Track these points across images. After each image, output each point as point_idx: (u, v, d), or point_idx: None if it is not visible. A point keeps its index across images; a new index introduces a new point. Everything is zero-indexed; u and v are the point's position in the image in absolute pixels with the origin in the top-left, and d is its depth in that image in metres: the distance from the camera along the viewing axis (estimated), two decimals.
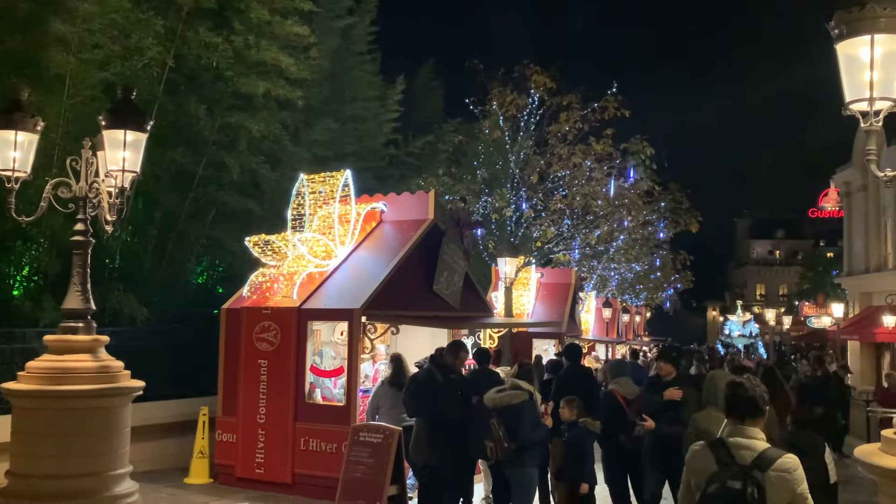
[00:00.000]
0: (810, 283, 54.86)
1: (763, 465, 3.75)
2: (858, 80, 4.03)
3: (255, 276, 10.84)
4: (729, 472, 3.77)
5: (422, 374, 8.49)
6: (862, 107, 4.05)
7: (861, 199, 29.45)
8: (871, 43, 3.95)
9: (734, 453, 3.82)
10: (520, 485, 7.34)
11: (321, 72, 17.10)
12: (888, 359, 27.33)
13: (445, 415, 7.84)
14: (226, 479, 10.44)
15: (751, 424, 3.91)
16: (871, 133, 4.09)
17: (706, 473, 3.86)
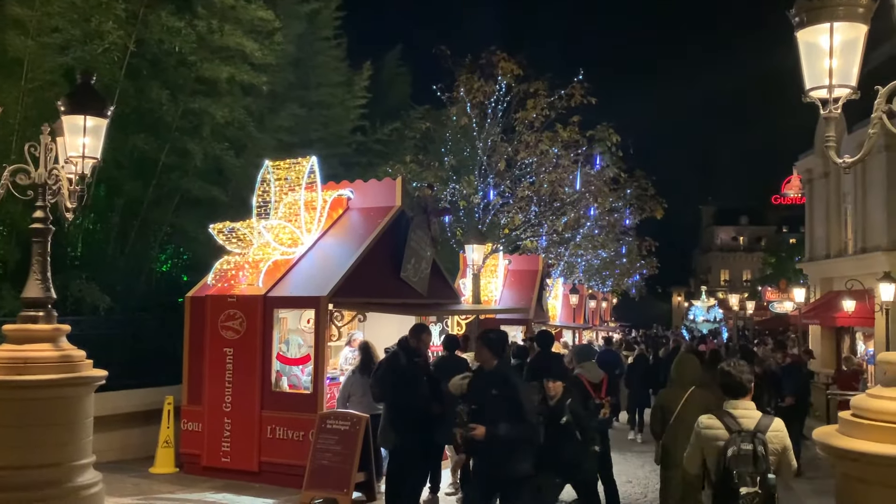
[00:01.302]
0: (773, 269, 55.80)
1: (762, 428, 4.81)
2: (818, 68, 4.08)
3: (220, 264, 10.73)
4: (739, 437, 4.74)
5: (387, 358, 8.48)
6: (821, 94, 4.10)
7: (822, 186, 29.96)
8: (830, 31, 4.00)
9: (740, 422, 4.83)
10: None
11: (286, 57, 16.90)
12: (847, 343, 27.92)
13: (408, 398, 7.82)
14: (191, 469, 10.36)
15: (744, 399, 4.98)
16: (830, 120, 4.15)
17: (718, 439, 4.84)
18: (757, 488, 4.62)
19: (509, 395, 6.45)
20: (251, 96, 15.84)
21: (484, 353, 6.77)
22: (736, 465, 4.68)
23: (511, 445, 6.43)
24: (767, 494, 4.64)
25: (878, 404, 3.81)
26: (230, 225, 10.94)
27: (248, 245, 10.76)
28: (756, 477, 4.65)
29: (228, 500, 9.09)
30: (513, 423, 6.37)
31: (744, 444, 4.71)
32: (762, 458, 4.68)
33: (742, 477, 4.65)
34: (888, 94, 4.00)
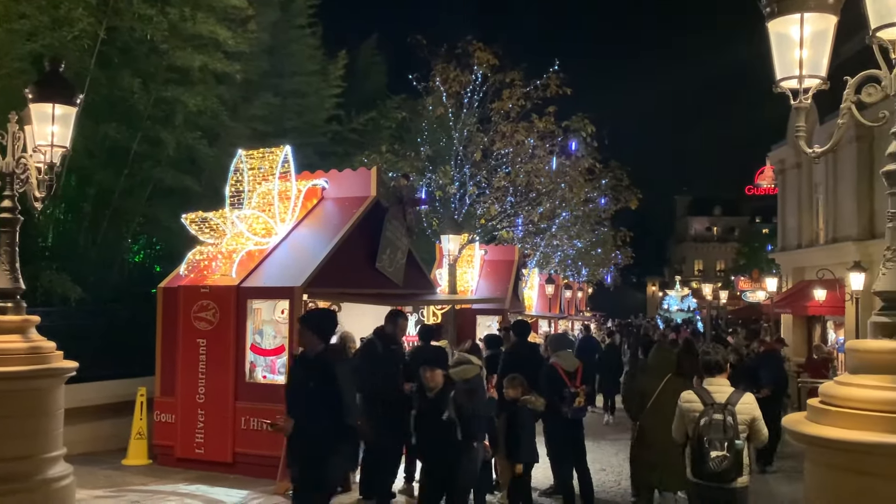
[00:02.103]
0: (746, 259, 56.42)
1: (733, 401, 5.58)
2: (789, 58, 4.10)
3: (193, 254, 10.64)
4: (712, 409, 5.55)
5: (362, 346, 8.44)
6: (792, 84, 4.13)
7: (794, 177, 30.28)
8: (800, 22, 4.02)
9: (713, 396, 5.62)
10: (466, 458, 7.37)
11: (260, 45, 16.74)
12: (818, 331, 28.30)
13: (385, 386, 7.79)
14: (165, 460, 10.29)
15: (719, 377, 5.81)
16: (800, 110, 4.17)
17: (694, 410, 5.66)
18: (725, 452, 5.41)
19: (328, 387, 5.70)
20: (224, 85, 15.67)
21: (306, 336, 5.98)
22: (707, 432, 5.48)
23: (321, 448, 5.64)
24: (735, 457, 5.41)
25: (845, 391, 3.85)
26: (203, 215, 10.84)
27: (222, 235, 10.67)
28: (724, 442, 5.44)
29: (202, 491, 9.04)
30: (328, 419, 5.58)
31: (715, 414, 5.49)
32: (731, 426, 5.44)
33: (712, 442, 5.44)
34: (857, 84, 4.04)
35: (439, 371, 6.62)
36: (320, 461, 5.70)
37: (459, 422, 6.44)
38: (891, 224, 3.97)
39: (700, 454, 5.51)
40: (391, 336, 8.32)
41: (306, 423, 5.67)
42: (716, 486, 5.53)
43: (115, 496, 8.72)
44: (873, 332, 3.97)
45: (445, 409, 6.47)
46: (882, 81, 3.95)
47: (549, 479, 9.19)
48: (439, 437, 6.48)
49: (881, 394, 3.71)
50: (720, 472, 5.45)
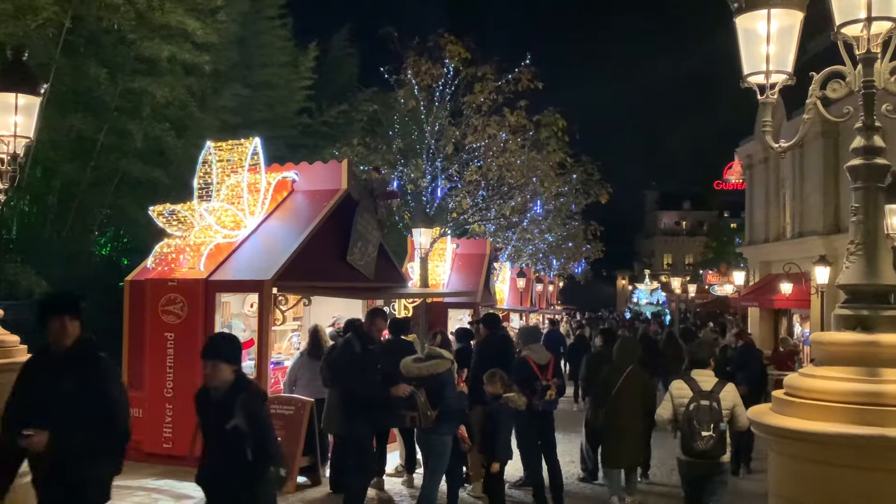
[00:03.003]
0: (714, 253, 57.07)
1: (717, 390, 6.46)
2: (756, 54, 4.14)
3: (160, 247, 10.50)
4: (700, 396, 6.40)
5: (340, 343, 8.31)
6: (759, 79, 4.17)
7: (762, 172, 30.65)
8: (767, 17, 4.06)
9: (700, 385, 6.47)
10: (435, 452, 7.33)
11: (230, 36, 16.61)
12: (785, 324, 28.72)
13: (362, 387, 7.71)
14: (132, 455, 10.04)
15: (706, 370, 6.73)
16: (766, 105, 4.22)
17: (684, 397, 6.45)
18: (712, 433, 6.32)
19: (91, 387, 4.54)
20: (193, 76, 15.54)
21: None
22: (696, 415, 6.37)
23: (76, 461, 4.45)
24: (720, 437, 6.36)
25: (809, 383, 3.91)
26: (170, 207, 10.72)
27: (190, 228, 10.56)
28: (710, 424, 6.34)
29: (170, 486, 8.95)
30: (86, 428, 4.41)
31: (703, 400, 6.40)
32: (716, 411, 6.37)
33: (701, 423, 6.34)
34: (822, 80, 4.08)
35: (224, 364, 4.81)
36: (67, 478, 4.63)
37: (254, 435, 4.71)
38: (854, 218, 4.02)
39: (690, 435, 6.38)
40: (369, 336, 8.16)
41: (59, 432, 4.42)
42: (703, 462, 6.43)
43: None
44: (837, 325, 4.03)
45: (234, 415, 4.70)
46: (847, 77, 4.00)
47: (519, 472, 9.23)
48: (222, 454, 4.80)
49: (844, 385, 3.76)
50: (707, 449, 6.35)
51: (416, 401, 7.10)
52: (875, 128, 3.98)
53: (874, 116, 3.97)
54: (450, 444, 7.41)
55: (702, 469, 6.48)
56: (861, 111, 3.98)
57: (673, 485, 9.21)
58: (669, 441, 7.04)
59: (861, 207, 3.98)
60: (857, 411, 3.66)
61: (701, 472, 6.50)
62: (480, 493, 8.59)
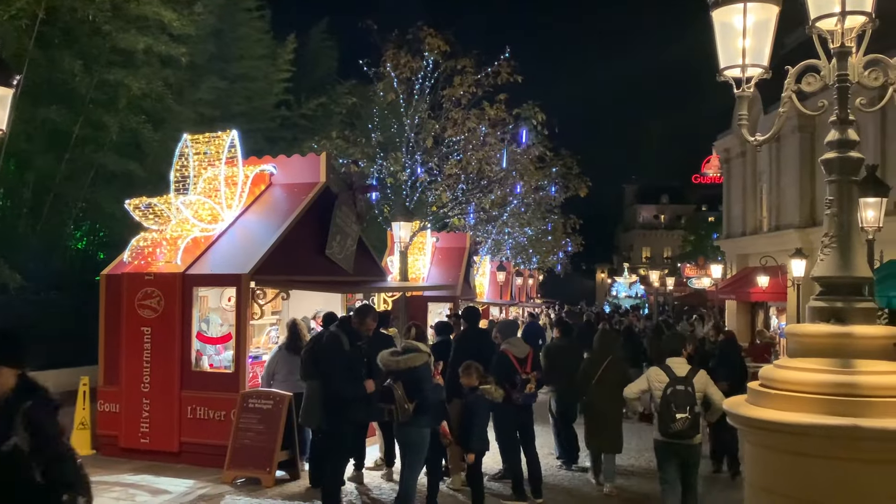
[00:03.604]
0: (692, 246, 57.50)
1: (690, 376, 7.03)
2: (732, 48, 4.16)
3: (137, 241, 10.41)
4: (676, 381, 6.97)
5: (327, 336, 8.03)
6: (735, 73, 4.19)
7: (739, 165, 30.87)
8: (744, 11, 4.08)
9: (675, 372, 7.04)
10: (413, 445, 7.32)
11: (207, 28, 16.43)
12: (762, 317, 28.99)
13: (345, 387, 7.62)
14: (109, 451, 10.09)
15: (679, 358, 7.26)
16: (743, 98, 4.24)
17: (662, 382, 7.02)
18: (687, 415, 6.89)
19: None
20: (170, 68, 15.36)
21: None
22: (674, 399, 6.93)
23: None
24: (694, 419, 6.95)
25: (783, 374, 3.94)
26: (147, 200, 10.62)
27: (166, 221, 10.47)
28: (686, 407, 6.91)
29: (147, 481, 8.89)
30: None
31: (678, 385, 6.98)
32: (690, 395, 6.95)
33: (677, 406, 6.91)
34: (797, 73, 4.11)
35: (5, 369, 3.86)
36: None
37: (39, 456, 3.77)
38: (829, 211, 4.06)
39: (668, 417, 6.95)
40: (357, 332, 8.06)
41: None
42: (679, 442, 7.02)
43: None
44: (811, 317, 4.06)
45: (13, 430, 3.73)
46: (822, 71, 4.03)
47: (499, 464, 9.26)
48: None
49: (818, 376, 3.79)
50: (683, 430, 6.93)
51: (393, 394, 7.09)
52: (849, 121, 4.01)
53: (848, 110, 4.00)
54: (427, 437, 7.40)
55: (677, 449, 7.08)
56: (835, 105, 4.02)
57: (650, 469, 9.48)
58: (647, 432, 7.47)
59: (835, 200, 4.01)
60: (831, 402, 3.69)
61: (677, 451, 7.10)
62: (460, 485, 8.62)
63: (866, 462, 3.57)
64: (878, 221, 11.25)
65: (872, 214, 11.18)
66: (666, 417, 6.97)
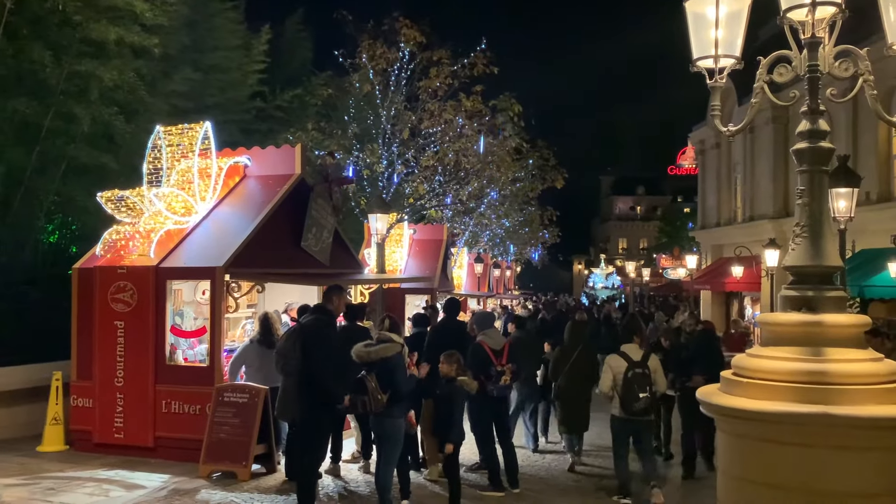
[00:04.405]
0: (668, 237, 57.86)
1: (645, 360, 8.05)
2: (705, 38, 4.18)
3: (109, 234, 10.28)
4: (634, 365, 7.96)
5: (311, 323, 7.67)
6: (708, 64, 4.21)
7: (714, 157, 31.12)
8: (716, 2, 4.10)
9: (631, 357, 8.02)
10: (388, 436, 7.31)
11: (179, 18, 16.22)
12: (736, 307, 29.29)
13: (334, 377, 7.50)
14: (83, 446, 9.99)
15: (634, 343, 8.20)
16: (715, 89, 4.26)
17: (621, 367, 7.99)
18: (647, 395, 7.90)
19: None
20: (142, 59, 15.14)
21: None
22: (635, 380, 7.86)
23: None
24: (652, 398, 8.00)
25: (755, 363, 3.97)
26: (119, 193, 10.50)
27: (139, 214, 10.35)
28: (645, 387, 7.91)
29: (122, 476, 8.80)
30: None
31: (637, 369, 7.92)
32: (647, 376, 7.94)
33: (639, 388, 7.85)
34: (769, 64, 4.14)
35: None
36: None
37: None
38: (800, 201, 4.09)
39: (631, 397, 7.83)
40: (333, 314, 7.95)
41: None
42: (639, 419, 7.98)
43: (30, 484, 8.41)
44: (783, 306, 4.10)
45: None
46: (793, 62, 4.05)
47: (476, 456, 9.28)
48: None
49: (789, 365, 3.83)
50: (644, 408, 7.90)
51: (366, 385, 7.06)
52: (820, 111, 4.04)
53: (819, 100, 4.03)
54: (403, 427, 7.40)
55: (636, 425, 8.06)
56: (807, 95, 4.04)
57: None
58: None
59: (806, 190, 4.05)
60: (803, 390, 3.73)
61: (635, 427, 8.08)
62: (437, 476, 8.63)
63: (837, 449, 3.61)
64: (850, 211, 11.38)
65: (844, 204, 11.31)
66: (629, 397, 7.83)
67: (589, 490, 8.89)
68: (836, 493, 3.60)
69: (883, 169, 20.01)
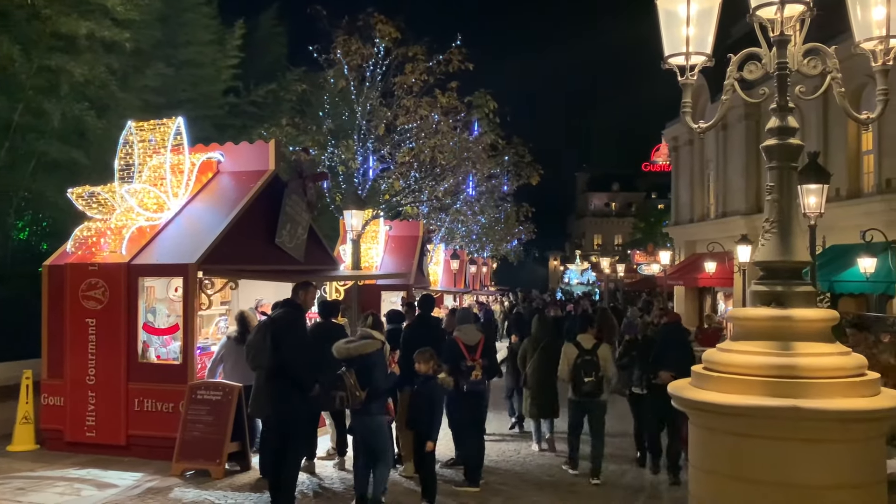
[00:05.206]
0: (642, 233, 58.27)
1: (595, 348, 8.96)
2: (676, 36, 4.21)
3: (80, 231, 10.15)
4: (584, 353, 8.91)
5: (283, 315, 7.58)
6: (679, 61, 4.24)
7: (687, 154, 31.37)
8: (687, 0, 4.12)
9: (583, 345, 8.98)
10: (373, 433, 7.27)
11: (152, 13, 16.05)
12: (709, 302, 29.57)
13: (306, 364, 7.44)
14: (54, 445, 9.87)
15: (587, 334, 9.18)
16: (687, 86, 4.29)
17: (573, 353, 8.95)
18: (593, 378, 8.81)
19: None
20: (114, 53, 14.96)
21: None
22: (582, 367, 8.84)
23: None
24: (598, 382, 8.84)
25: (726, 357, 4.01)
26: (90, 189, 10.36)
27: (111, 211, 10.23)
28: (592, 373, 8.82)
29: (93, 475, 8.70)
30: None
31: (586, 356, 8.90)
32: (595, 363, 8.85)
33: (586, 373, 8.81)
34: (740, 61, 4.17)
35: None
36: None
37: None
38: (769, 197, 4.13)
39: (579, 381, 8.85)
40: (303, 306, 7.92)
41: None
42: (588, 399, 8.92)
43: None
44: (752, 301, 4.14)
45: None
46: (763, 59, 4.09)
47: (451, 452, 9.30)
48: None
49: (759, 359, 3.87)
50: (590, 391, 8.83)
51: (344, 381, 7.04)
52: (789, 108, 4.09)
53: (788, 97, 4.07)
54: (384, 424, 7.38)
55: (587, 405, 8.98)
56: (776, 92, 4.09)
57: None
58: None
59: (775, 186, 4.09)
60: (772, 384, 3.77)
61: (586, 407, 8.99)
62: (412, 472, 8.62)
63: (806, 441, 3.66)
64: (821, 207, 11.53)
65: (814, 201, 11.46)
66: (578, 381, 8.88)
67: (563, 485, 8.95)
68: (805, 485, 3.65)
69: (852, 166, 20.29)
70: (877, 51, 3.97)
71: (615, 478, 9.35)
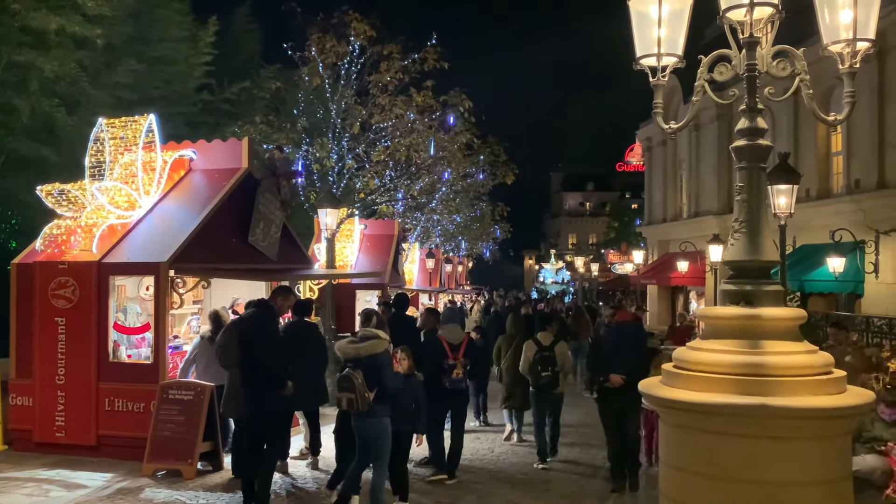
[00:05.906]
0: (616, 233, 58.66)
1: (553, 344, 9.66)
2: (648, 37, 4.24)
3: (50, 228, 10.02)
4: (542, 350, 9.60)
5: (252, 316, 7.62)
6: (651, 62, 4.27)
7: (661, 154, 31.61)
8: (659, 1, 4.16)
9: (542, 343, 9.63)
10: (375, 436, 7.14)
11: (123, 9, 15.90)
12: (682, 301, 29.82)
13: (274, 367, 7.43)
14: (22, 445, 9.74)
15: (546, 332, 9.82)
16: (658, 87, 4.33)
17: (533, 349, 9.59)
18: (549, 373, 9.52)
19: None
20: (85, 50, 14.79)
21: None
22: (540, 362, 9.53)
23: None
24: (554, 376, 9.57)
25: (696, 356, 4.05)
26: (60, 186, 10.24)
27: (81, 208, 10.11)
28: (549, 367, 9.52)
29: (63, 476, 8.60)
30: None
31: (543, 352, 9.57)
32: (551, 358, 9.56)
33: (542, 367, 9.54)
34: (710, 63, 4.21)
35: None
36: None
37: None
38: (739, 197, 4.18)
39: (536, 374, 9.58)
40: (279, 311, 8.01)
41: None
42: (545, 391, 9.66)
43: None
44: (722, 300, 4.18)
45: None
46: (733, 61, 4.14)
47: (424, 451, 9.30)
48: None
49: (728, 357, 3.91)
50: (546, 384, 9.54)
51: (352, 381, 6.87)
52: (758, 109, 4.13)
53: (758, 99, 4.12)
54: (388, 426, 7.21)
55: (545, 396, 9.72)
56: (746, 94, 4.13)
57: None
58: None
59: (745, 187, 4.14)
60: (741, 382, 3.80)
61: (545, 397, 9.74)
62: None
63: (774, 439, 3.70)
64: (791, 208, 11.66)
65: (785, 201, 11.58)
66: (535, 375, 9.57)
67: (537, 482, 8.99)
68: (774, 482, 3.69)
69: (822, 166, 20.56)
70: (844, 53, 4.02)
71: (589, 473, 9.45)
